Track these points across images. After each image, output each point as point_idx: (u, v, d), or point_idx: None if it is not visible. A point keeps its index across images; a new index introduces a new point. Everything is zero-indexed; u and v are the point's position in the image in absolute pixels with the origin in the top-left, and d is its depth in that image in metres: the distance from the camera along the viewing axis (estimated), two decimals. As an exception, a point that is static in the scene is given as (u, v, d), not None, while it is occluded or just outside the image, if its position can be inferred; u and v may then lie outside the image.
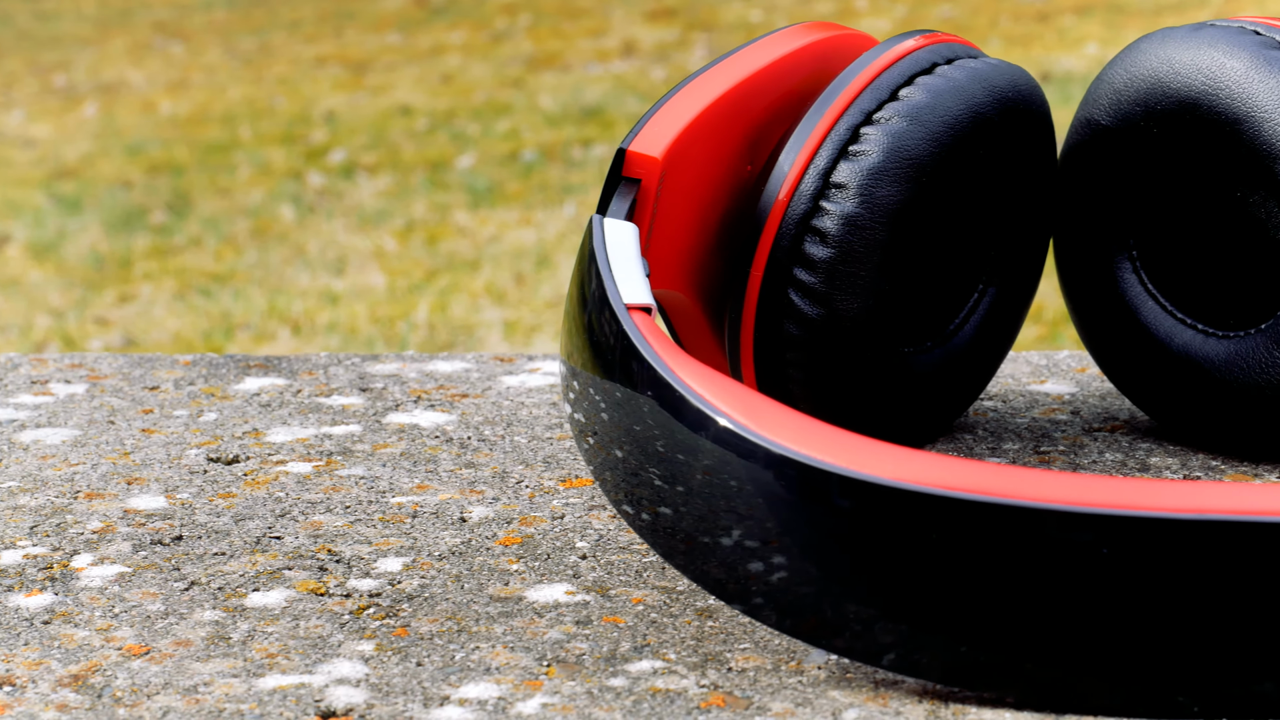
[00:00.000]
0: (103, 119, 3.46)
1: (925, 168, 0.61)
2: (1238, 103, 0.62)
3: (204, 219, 2.63)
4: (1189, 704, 0.48)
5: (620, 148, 0.59)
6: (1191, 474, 0.64)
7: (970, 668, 0.48)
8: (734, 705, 0.48)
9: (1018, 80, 0.64)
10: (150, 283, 2.31)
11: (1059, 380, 0.74)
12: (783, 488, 0.49)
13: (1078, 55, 3.32)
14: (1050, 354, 0.77)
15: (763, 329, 0.62)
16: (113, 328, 2.13)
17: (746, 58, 0.64)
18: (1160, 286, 0.67)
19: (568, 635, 0.52)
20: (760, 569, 0.49)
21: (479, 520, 0.61)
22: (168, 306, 2.19)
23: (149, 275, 2.35)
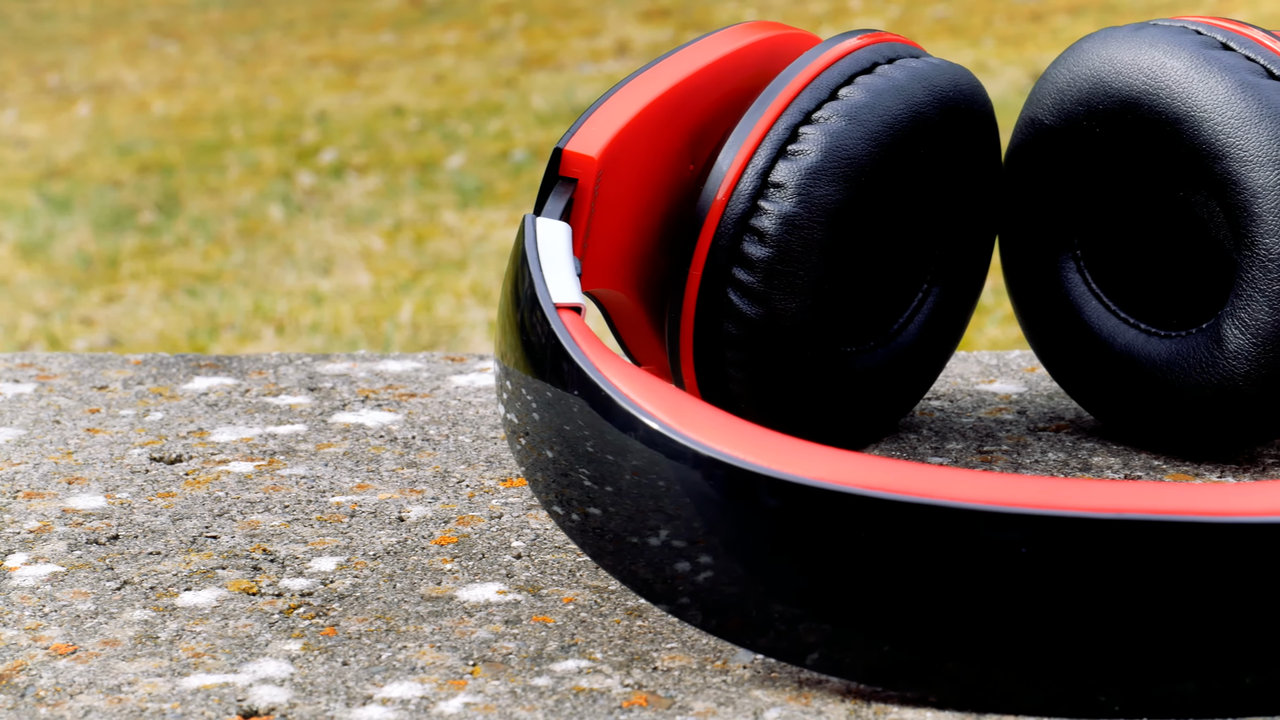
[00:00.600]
0: (95, 119, 3.46)
1: (864, 167, 0.61)
2: (1178, 102, 0.62)
3: (193, 219, 2.63)
4: (1110, 703, 0.48)
5: (557, 147, 0.59)
6: (1133, 474, 0.64)
7: (893, 667, 0.48)
8: (656, 705, 0.48)
9: (959, 80, 0.64)
10: (137, 283, 2.31)
11: (1008, 380, 0.74)
12: (707, 488, 0.49)
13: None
14: (1001, 354, 0.77)
15: (702, 328, 0.62)
16: (98, 328, 2.13)
17: (687, 57, 0.64)
18: (1104, 286, 0.67)
19: (496, 635, 0.52)
20: (686, 569, 0.49)
21: (416, 520, 0.61)
22: (153, 306, 2.19)
23: (136, 275, 2.35)
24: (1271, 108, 0.61)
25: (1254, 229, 0.61)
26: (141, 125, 3.37)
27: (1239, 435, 0.64)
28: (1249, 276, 0.61)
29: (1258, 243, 0.61)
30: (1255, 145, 0.61)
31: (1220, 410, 0.63)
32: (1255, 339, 0.61)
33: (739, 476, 0.48)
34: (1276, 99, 0.61)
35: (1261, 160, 0.61)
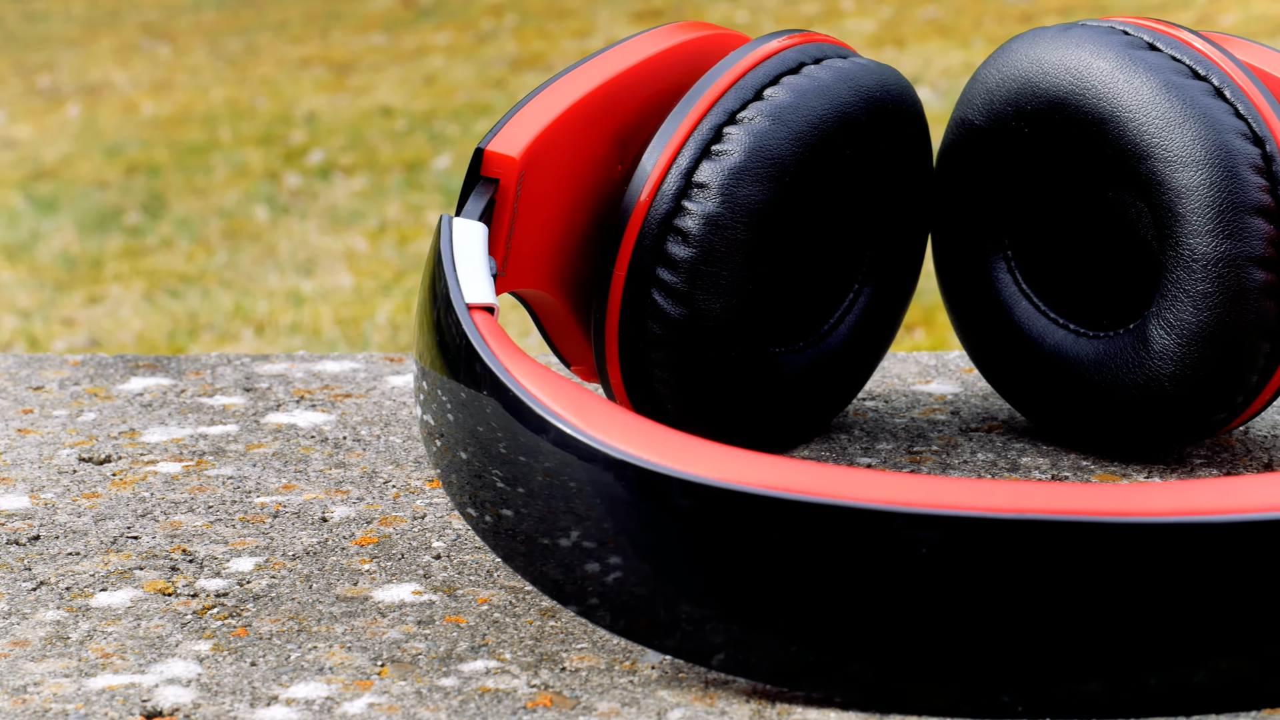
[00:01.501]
0: (84, 120, 3.46)
1: (788, 167, 0.61)
2: (1104, 102, 0.62)
3: (178, 220, 2.63)
4: (1014, 704, 0.48)
5: (478, 147, 0.59)
6: (1060, 474, 0.64)
7: (798, 668, 0.48)
8: (561, 705, 0.48)
9: (887, 80, 0.64)
10: (120, 283, 2.31)
11: (944, 380, 0.74)
12: (612, 489, 0.49)
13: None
14: (941, 354, 0.77)
15: (627, 329, 0.62)
16: (79, 328, 2.13)
17: (614, 57, 0.64)
18: (1034, 286, 0.67)
19: (407, 635, 0.52)
20: (593, 570, 0.49)
21: (339, 520, 0.61)
22: (134, 307, 2.19)
23: (119, 276, 2.35)
24: (1196, 108, 0.61)
25: (1178, 229, 0.61)
26: (130, 126, 3.37)
27: (1166, 436, 0.64)
28: (1174, 277, 0.61)
29: (1182, 243, 0.61)
30: (1179, 146, 0.61)
31: (1146, 411, 0.63)
32: (1180, 339, 0.61)
33: (643, 477, 0.48)
34: (1201, 99, 0.61)
35: (1185, 160, 0.61)
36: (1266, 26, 3.34)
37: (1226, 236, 0.60)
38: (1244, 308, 0.61)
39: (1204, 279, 0.61)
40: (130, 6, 4.95)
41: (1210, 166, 0.60)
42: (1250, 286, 0.60)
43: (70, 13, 4.94)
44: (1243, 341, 0.61)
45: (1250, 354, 0.61)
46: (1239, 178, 0.60)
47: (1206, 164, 0.60)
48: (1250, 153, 0.61)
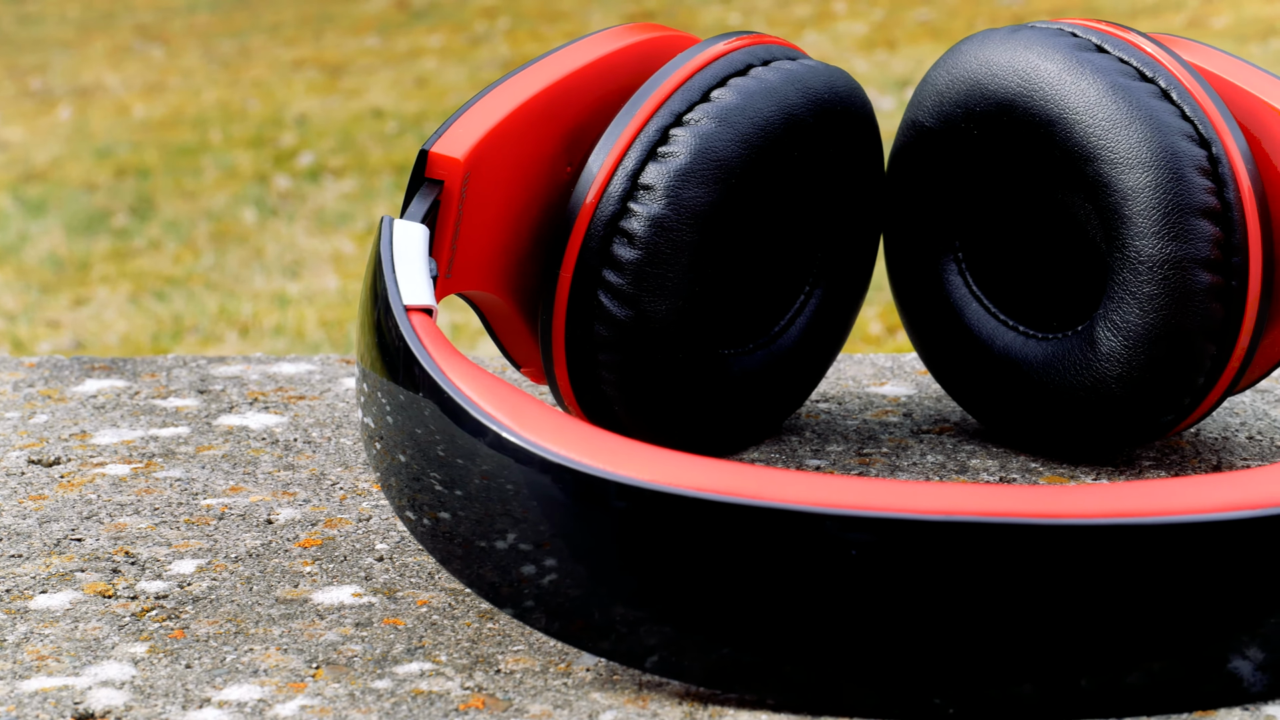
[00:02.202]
0: (76, 122, 3.46)
1: (734, 169, 0.61)
2: (1051, 104, 0.62)
3: (166, 222, 2.63)
4: (944, 706, 0.48)
5: (422, 149, 0.59)
6: (1009, 476, 0.64)
7: (730, 670, 0.48)
8: (493, 707, 0.48)
9: (835, 82, 0.64)
10: (106, 285, 2.31)
11: (899, 382, 0.74)
12: (545, 491, 0.49)
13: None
14: (897, 356, 0.77)
15: (573, 331, 0.62)
16: (63, 331, 2.13)
17: (562, 59, 0.64)
18: (984, 288, 0.67)
19: (344, 637, 0.52)
20: (528, 573, 0.49)
21: (284, 522, 0.61)
22: (120, 309, 2.19)
23: (106, 278, 2.35)
24: (1142, 110, 0.61)
25: (1124, 231, 0.61)
26: (121, 128, 3.37)
27: (1114, 437, 0.64)
28: (1120, 279, 0.61)
29: (1128, 245, 0.61)
30: (1125, 147, 0.61)
31: (1094, 412, 0.63)
32: (1127, 341, 0.61)
33: (576, 479, 0.48)
34: (1148, 101, 0.61)
35: (1131, 162, 0.61)
36: (1258, 29, 3.34)
37: (1172, 238, 0.60)
38: (1189, 309, 0.61)
39: (1149, 281, 0.61)
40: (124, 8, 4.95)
41: (1156, 168, 0.60)
42: (1195, 288, 0.60)
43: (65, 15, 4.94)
44: (1188, 343, 0.61)
45: (1196, 356, 0.61)
46: (1184, 180, 0.60)
47: (1152, 166, 0.60)
48: (1196, 155, 0.61)
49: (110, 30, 4.64)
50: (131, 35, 4.54)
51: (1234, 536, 0.47)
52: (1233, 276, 0.61)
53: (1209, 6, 3.58)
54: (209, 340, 2.02)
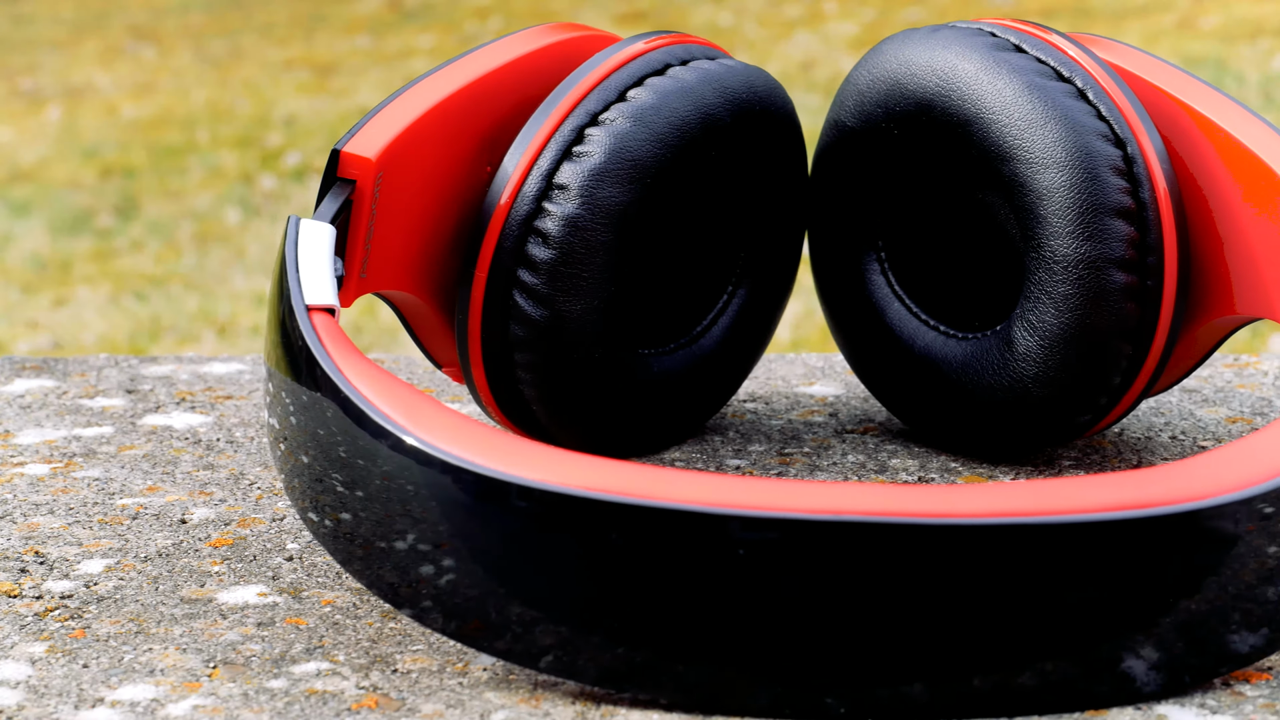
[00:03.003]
0: (65, 122, 3.46)
1: (649, 169, 0.61)
2: (968, 104, 0.62)
3: (150, 222, 2.63)
4: (836, 705, 0.48)
5: (334, 148, 0.59)
6: (928, 476, 0.63)
7: (623, 670, 0.48)
8: (386, 706, 0.48)
9: (754, 82, 0.64)
10: (88, 285, 2.31)
11: (829, 382, 0.74)
12: (441, 492, 0.49)
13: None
14: (829, 356, 0.77)
15: (489, 332, 0.62)
16: (42, 331, 2.13)
17: (481, 59, 0.64)
18: (906, 288, 0.67)
19: (245, 637, 0.52)
20: (426, 573, 0.49)
21: (198, 522, 0.61)
22: (99, 310, 2.19)
23: (88, 278, 2.35)
24: (1058, 109, 0.61)
25: (1040, 231, 0.61)
26: (109, 129, 3.37)
27: (1032, 437, 0.64)
28: (1036, 279, 0.61)
29: (1044, 245, 0.61)
30: (1041, 147, 0.61)
31: (1012, 412, 0.63)
32: (1043, 341, 0.61)
33: (469, 480, 0.48)
34: (1064, 101, 0.61)
35: (1046, 162, 0.61)
36: (1247, 29, 3.33)
37: (1086, 238, 0.60)
38: (1104, 309, 0.61)
39: (1064, 281, 0.61)
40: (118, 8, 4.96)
41: (1071, 168, 0.60)
42: (1110, 288, 0.60)
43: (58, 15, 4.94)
44: (1104, 343, 0.61)
45: (1112, 355, 0.61)
46: (1099, 179, 0.60)
47: (1067, 165, 0.60)
48: (1111, 154, 0.61)
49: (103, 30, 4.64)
50: (124, 35, 4.55)
51: (1124, 536, 0.47)
52: (1148, 276, 0.61)
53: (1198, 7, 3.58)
54: (186, 340, 2.02)
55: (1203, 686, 0.49)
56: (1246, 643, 0.49)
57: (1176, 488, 0.48)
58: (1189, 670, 0.49)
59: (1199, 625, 0.48)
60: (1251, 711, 0.47)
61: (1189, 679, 0.49)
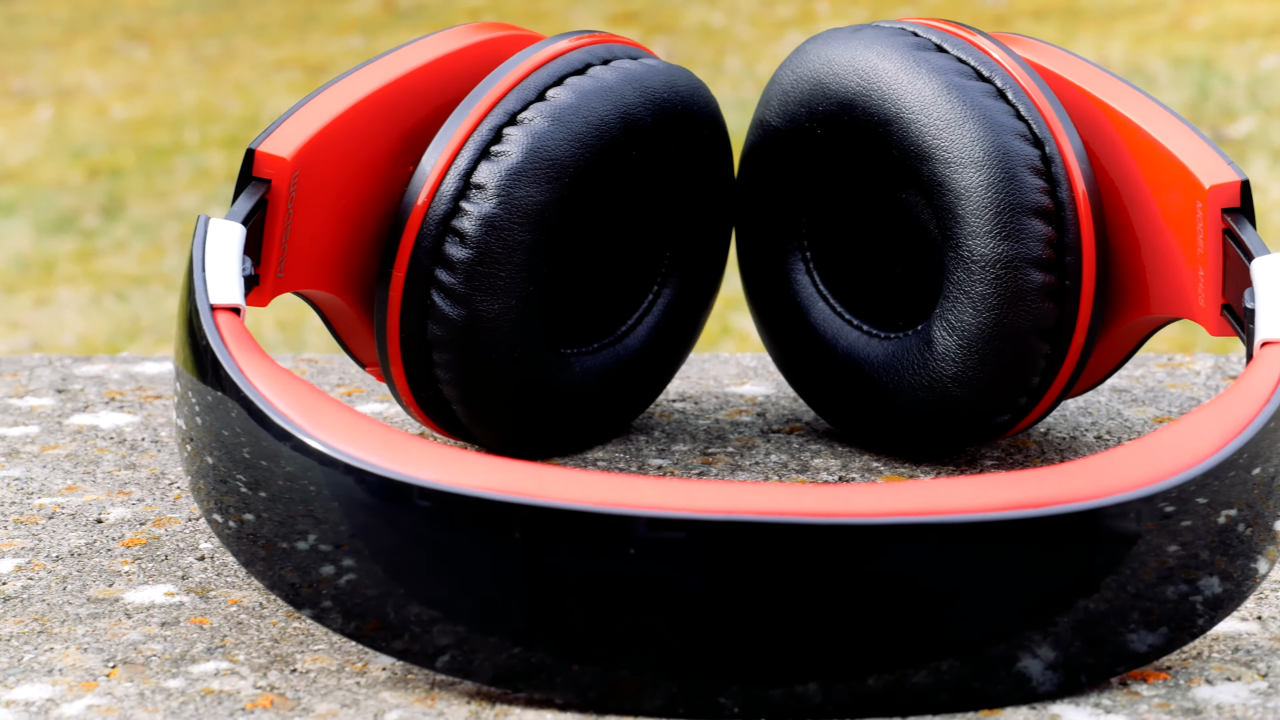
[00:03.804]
0: (54, 123, 3.46)
1: (567, 168, 0.61)
2: (888, 104, 0.62)
3: (134, 222, 2.63)
4: (730, 705, 0.47)
5: (249, 147, 0.59)
6: (849, 476, 0.63)
7: (519, 669, 0.48)
8: (281, 706, 0.48)
9: (676, 82, 0.64)
10: (70, 285, 2.31)
11: (760, 382, 0.74)
12: (339, 492, 0.49)
13: (1028, 58, 3.31)
14: (762, 355, 0.77)
15: (407, 331, 0.62)
16: (22, 331, 2.13)
17: (402, 58, 0.64)
18: (831, 287, 0.67)
19: (147, 637, 0.52)
20: (324, 574, 0.49)
21: (114, 521, 0.61)
22: (80, 309, 2.19)
23: (69, 279, 2.35)
24: (977, 109, 0.61)
25: (958, 231, 0.61)
26: (99, 129, 3.37)
27: (953, 437, 0.64)
28: (955, 278, 0.61)
29: (962, 244, 0.61)
30: (959, 147, 0.61)
31: (932, 412, 0.63)
32: (961, 341, 0.61)
33: (368, 480, 0.48)
34: (982, 101, 0.61)
35: (964, 162, 0.61)
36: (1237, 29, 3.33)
37: (1004, 238, 0.60)
38: (1022, 309, 0.60)
39: (982, 280, 0.61)
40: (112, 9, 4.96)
41: (988, 168, 0.60)
42: (1028, 288, 0.60)
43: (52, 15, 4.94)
44: (1021, 343, 0.61)
45: (1030, 355, 0.61)
46: (1016, 179, 0.60)
47: (985, 165, 0.60)
48: (1029, 154, 0.61)
49: (96, 31, 4.64)
50: (117, 35, 4.55)
51: (1019, 535, 0.47)
52: (1066, 276, 0.61)
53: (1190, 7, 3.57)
54: (164, 340, 2.02)
55: (1099, 686, 0.49)
56: (1145, 642, 0.49)
57: (1075, 486, 0.48)
58: (1086, 670, 0.48)
59: (1097, 625, 0.48)
60: (1146, 711, 0.47)
61: (1085, 679, 0.49)
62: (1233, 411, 0.51)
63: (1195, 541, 0.49)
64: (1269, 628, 0.52)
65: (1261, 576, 0.51)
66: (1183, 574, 0.49)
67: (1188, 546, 0.49)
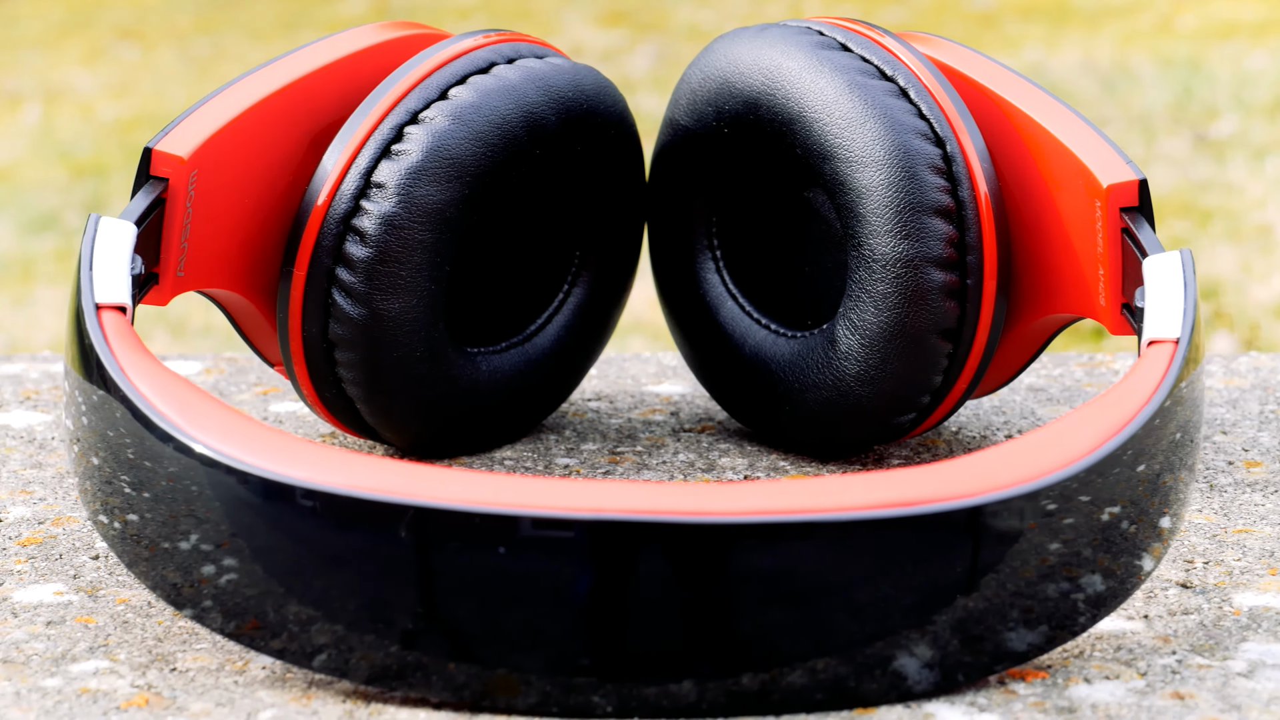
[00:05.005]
0: (42, 123, 3.46)
1: (468, 167, 0.61)
2: (792, 103, 0.62)
3: (115, 222, 2.63)
4: (604, 704, 0.47)
5: (146, 146, 0.59)
6: (755, 475, 0.63)
7: (394, 669, 0.48)
8: (156, 705, 0.48)
9: (582, 82, 0.64)
10: (48, 285, 2.31)
11: (677, 381, 0.74)
12: (222, 492, 0.49)
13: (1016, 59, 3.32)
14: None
15: (309, 330, 0.62)
16: (-2, 330, 2.13)
17: (307, 56, 0.64)
18: (740, 286, 0.67)
19: (31, 635, 0.52)
20: (205, 574, 0.49)
21: (14, 520, 0.60)
22: (56, 309, 2.19)
23: (49, 278, 2.35)
24: (878, 108, 0.61)
25: (860, 230, 0.61)
26: (86, 128, 3.37)
27: (857, 436, 0.64)
28: (857, 277, 0.61)
29: (863, 243, 0.61)
30: (860, 146, 0.61)
31: (836, 411, 0.63)
32: (863, 340, 0.61)
33: (250, 481, 0.48)
34: (884, 100, 0.61)
35: (866, 161, 0.60)
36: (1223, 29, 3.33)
37: (904, 237, 0.60)
38: (923, 308, 0.60)
39: (883, 279, 0.60)
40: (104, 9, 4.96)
41: (889, 167, 0.60)
42: (929, 287, 0.60)
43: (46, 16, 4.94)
44: (923, 342, 0.61)
45: (931, 354, 0.61)
46: (917, 178, 0.60)
47: (885, 164, 0.60)
48: (930, 153, 0.61)
49: (88, 30, 4.64)
50: (109, 35, 4.55)
51: (896, 534, 0.47)
52: (967, 275, 0.61)
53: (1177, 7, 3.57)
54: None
55: (977, 685, 0.48)
56: (1025, 640, 0.49)
57: (953, 485, 0.48)
58: (963, 668, 0.48)
59: (975, 623, 0.48)
60: (1020, 710, 0.47)
61: (963, 677, 0.48)
62: (1116, 409, 0.50)
63: (1077, 539, 0.49)
64: (1154, 626, 0.52)
65: (1146, 574, 0.51)
66: (1064, 572, 0.49)
67: (1070, 544, 0.49)
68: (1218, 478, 0.63)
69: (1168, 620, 0.52)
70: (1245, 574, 0.55)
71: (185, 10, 4.82)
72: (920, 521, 0.47)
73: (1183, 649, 0.50)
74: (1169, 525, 0.52)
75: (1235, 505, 0.61)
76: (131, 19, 4.79)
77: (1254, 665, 0.49)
